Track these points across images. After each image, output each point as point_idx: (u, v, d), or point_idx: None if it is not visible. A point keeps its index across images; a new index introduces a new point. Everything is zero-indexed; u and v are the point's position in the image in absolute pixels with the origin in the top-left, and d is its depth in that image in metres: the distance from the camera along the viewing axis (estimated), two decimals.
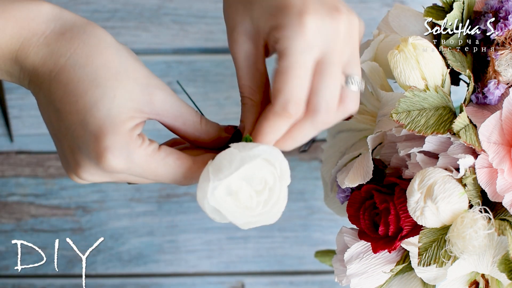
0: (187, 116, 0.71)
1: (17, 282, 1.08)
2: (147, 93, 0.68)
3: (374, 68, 0.78)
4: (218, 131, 0.72)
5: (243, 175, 0.68)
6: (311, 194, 1.09)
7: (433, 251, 0.73)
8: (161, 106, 0.69)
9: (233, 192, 0.68)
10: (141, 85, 0.68)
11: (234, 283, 1.09)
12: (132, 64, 0.69)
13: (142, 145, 0.68)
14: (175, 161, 0.70)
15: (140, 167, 0.68)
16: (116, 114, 0.67)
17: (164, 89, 0.70)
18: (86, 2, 1.09)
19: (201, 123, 0.72)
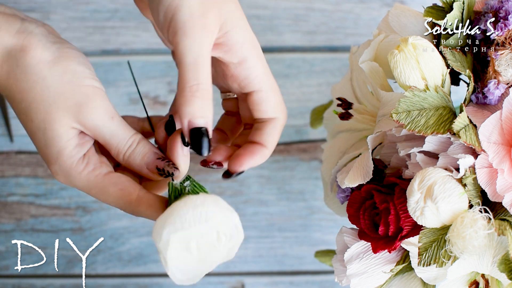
0: (112, 144, 0.73)
1: (17, 282, 1.08)
2: (77, 120, 0.71)
3: (374, 68, 0.78)
4: (140, 166, 0.74)
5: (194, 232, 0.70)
6: (311, 194, 1.09)
7: (433, 251, 0.73)
8: (91, 129, 0.72)
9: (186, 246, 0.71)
10: (71, 112, 0.71)
11: (234, 283, 1.09)
12: (61, 92, 0.71)
13: (83, 171, 0.72)
14: (117, 191, 0.73)
15: (84, 188, 0.73)
16: (51, 145, 0.71)
17: (96, 112, 0.72)
18: (86, 2, 1.09)
19: (125, 154, 0.74)
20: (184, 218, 0.70)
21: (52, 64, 0.71)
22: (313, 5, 1.10)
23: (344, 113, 0.83)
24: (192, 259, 0.72)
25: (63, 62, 0.72)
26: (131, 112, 1.08)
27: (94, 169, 0.73)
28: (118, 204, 0.73)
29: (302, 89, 1.09)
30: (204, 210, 0.70)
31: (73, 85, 0.71)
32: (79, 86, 0.71)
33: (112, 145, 0.73)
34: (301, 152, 1.10)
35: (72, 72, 0.72)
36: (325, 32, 1.10)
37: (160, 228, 0.70)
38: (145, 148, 0.74)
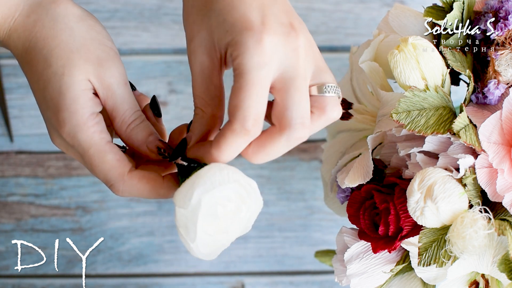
0: (119, 111, 0.73)
1: (17, 282, 1.08)
2: (95, 74, 0.71)
3: (374, 68, 0.78)
4: (141, 142, 0.73)
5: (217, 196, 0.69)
6: (311, 194, 1.09)
7: (433, 251, 0.73)
8: (106, 87, 0.72)
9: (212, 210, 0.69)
10: (92, 64, 0.71)
11: (234, 283, 1.09)
12: (85, 44, 0.72)
13: (92, 127, 0.71)
14: (113, 161, 0.72)
15: (83, 147, 0.71)
16: (66, 90, 0.70)
17: (114, 72, 0.72)
18: (86, 2, 1.09)
19: (129, 126, 0.73)
20: (212, 178, 0.68)
21: (80, 19, 0.73)
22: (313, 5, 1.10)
23: (344, 113, 0.83)
24: (217, 228, 0.69)
25: (90, 21, 0.73)
26: None
27: (102, 131, 0.71)
28: (109, 174, 0.72)
29: None
30: (230, 172, 0.69)
31: (97, 42, 0.72)
32: (102, 44, 0.73)
33: (119, 111, 0.73)
34: (301, 152, 1.10)
35: (97, 31, 0.73)
36: (325, 32, 1.09)
37: (187, 192, 0.68)
38: (149, 127, 0.74)
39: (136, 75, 1.09)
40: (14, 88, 1.09)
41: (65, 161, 1.08)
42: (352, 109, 0.83)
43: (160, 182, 0.73)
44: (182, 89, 1.09)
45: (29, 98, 1.08)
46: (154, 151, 0.73)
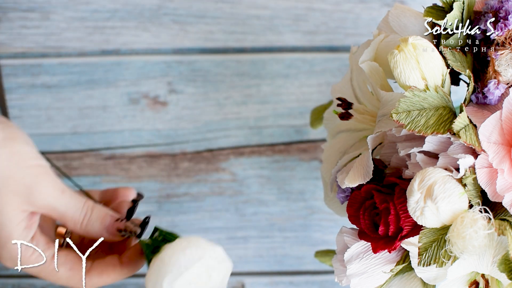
0: (68, 217, 0.74)
1: (17, 282, 1.08)
2: (28, 202, 0.72)
3: (374, 68, 0.78)
4: (100, 232, 0.75)
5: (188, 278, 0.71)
6: (311, 194, 1.09)
7: (433, 251, 0.73)
8: (44, 208, 0.73)
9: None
10: (22, 195, 0.72)
11: (234, 283, 1.09)
12: (10, 176, 0.71)
13: (32, 255, 0.73)
14: (67, 271, 0.75)
15: (33, 272, 0.74)
16: (0, 229, 0.72)
17: (47, 191, 0.73)
18: (86, 2, 1.09)
19: (82, 223, 0.75)
20: (178, 264, 0.71)
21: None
22: (313, 5, 1.10)
23: (344, 113, 0.83)
24: None
25: (9, 144, 0.72)
26: (131, 111, 1.08)
27: (43, 251, 0.74)
28: (70, 283, 0.75)
29: (302, 89, 1.09)
30: (193, 250, 0.71)
31: (21, 167, 0.72)
32: (27, 167, 0.72)
33: (67, 217, 0.74)
34: (301, 152, 1.10)
35: (19, 154, 0.72)
36: (325, 32, 1.10)
37: (156, 283, 0.71)
38: (101, 213, 0.75)
39: (136, 75, 1.09)
40: (14, 88, 1.09)
41: (65, 161, 1.08)
42: (352, 109, 0.83)
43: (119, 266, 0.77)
44: (182, 89, 1.09)
45: (29, 98, 1.08)
46: (116, 235, 0.76)
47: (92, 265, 0.75)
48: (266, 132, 1.09)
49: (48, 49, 1.09)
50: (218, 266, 0.73)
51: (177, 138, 1.09)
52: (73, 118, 1.08)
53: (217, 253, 0.72)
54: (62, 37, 1.09)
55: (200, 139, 1.09)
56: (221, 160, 1.08)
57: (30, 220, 0.73)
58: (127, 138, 1.09)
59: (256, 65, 1.08)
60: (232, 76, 1.09)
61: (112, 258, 0.76)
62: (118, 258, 0.76)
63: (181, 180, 1.08)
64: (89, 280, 0.75)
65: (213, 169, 1.08)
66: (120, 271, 0.76)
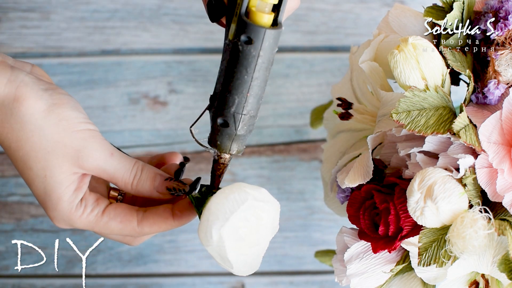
0: (118, 178, 0.75)
1: (17, 282, 1.08)
2: (77, 165, 0.73)
3: (374, 68, 0.78)
4: (150, 191, 0.76)
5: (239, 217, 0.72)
6: (311, 194, 1.09)
7: (433, 251, 0.73)
8: (94, 170, 0.74)
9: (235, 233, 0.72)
10: (71, 159, 0.73)
11: (234, 283, 1.09)
12: (59, 140, 0.73)
13: (82, 215, 0.74)
14: (118, 224, 0.76)
15: (87, 229, 0.75)
16: (51, 191, 0.73)
17: (96, 154, 0.74)
18: (86, 2, 1.09)
19: (132, 183, 0.76)
20: (223, 210, 0.71)
21: (47, 112, 0.73)
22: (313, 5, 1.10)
23: (344, 113, 0.83)
24: (247, 246, 0.73)
25: (57, 110, 0.73)
26: (131, 111, 1.08)
27: (92, 209, 0.75)
28: (123, 233, 0.76)
29: (302, 89, 1.09)
30: (235, 195, 0.72)
31: (69, 132, 0.73)
32: (75, 132, 0.73)
33: (117, 179, 0.75)
34: (301, 152, 1.10)
35: (67, 119, 0.73)
36: (325, 32, 1.10)
37: (206, 232, 0.72)
38: (150, 173, 0.76)
39: (136, 75, 1.09)
40: None
41: None
42: (352, 109, 0.83)
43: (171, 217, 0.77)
44: (182, 89, 1.09)
45: None
46: (166, 193, 0.76)
47: (144, 215, 0.76)
48: (266, 132, 1.09)
49: (48, 49, 1.09)
50: (266, 206, 0.73)
51: (177, 138, 1.09)
52: None
53: (262, 194, 0.73)
54: (62, 37, 1.09)
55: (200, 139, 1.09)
56: None
57: (80, 182, 0.74)
58: (127, 138, 1.09)
59: None
60: None
61: (164, 210, 0.77)
62: (171, 209, 0.77)
63: None
64: (141, 230, 0.76)
65: None
66: (171, 222, 0.77)
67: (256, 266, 0.75)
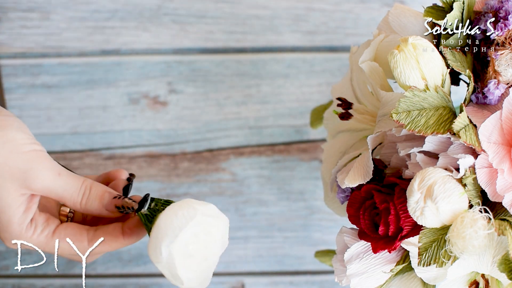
0: (66, 197, 0.76)
1: (17, 282, 1.08)
2: (25, 186, 0.73)
3: (374, 68, 0.78)
4: (99, 209, 0.77)
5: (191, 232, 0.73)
6: (311, 194, 1.09)
7: (433, 251, 0.73)
8: (41, 191, 0.74)
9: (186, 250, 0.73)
10: (18, 180, 0.73)
11: (234, 283, 1.09)
12: (5, 162, 0.73)
13: (33, 235, 0.75)
14: (69, 244, 0.76)
15: (39, 248, 0.76)
16: (0, 214, 0.73)
17: (43, 175, 0.74)
18: (86, 2, 1.09)
19: (81, 202, 0.76)
20: (172, 227, 0.72)
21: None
22: (313, 5, 1.10)
23: (344, 113, 0.83)
24: (197, 262, 0.74)
25: (1, 132, 0.73)
26: (131, 111, 1.08)
27: (43, 230, 0.76)
28: (72, 254, 0.77)
29: (302, 89, 1.09)
30: (184, 211, 0.73)
31: (15, 153, 0.73)
32: (21, 153, 0.73)
33: (66, 198, 0.76)
34: (301, 152, 1.10)
35: (11, 141, 0.73)
36: (325, 32, 1.10)
37: (156, 248, 0.72)
38: (99, 191, 0.77)
39: (136, 75, 1.09)
40: (14, 88, 1.09)
41: (65, 161, 1.08)
42: (352, 109, 0.83)
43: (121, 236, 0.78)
44: (182, 89, 1.09)
45: (29, 98, 1.08)
46: (115, 212, 0.77)
47: (95, 234, 0.77)
48: (266, 132, 1.09)
49: (48, 49, 1.09)
50: (214, 222, 0.74)
51: (177, 138, 1.09)
52: (73, 118, 1.08)
53: (210, 210, 0.74)
54: (62, 37, 1.09)
55: (200, 139, 1.09)
56: (221, 160, 1.08)
57: (29, 202, 0.75)
58: (127, 138, 1.09)
59: (256, 65, 1.08)
60: (232, 76, 1.08)
61: (114, 228, 0.78)
62: (121, 228, 0.78)
63: (181, 180, 1.08)
64: (92, 248, 0.77)
65: (213, 169, 1.09)
66: (121, 241, 0.78)
67: (207, 280, 0.76)
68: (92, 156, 1.09)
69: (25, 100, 1.09)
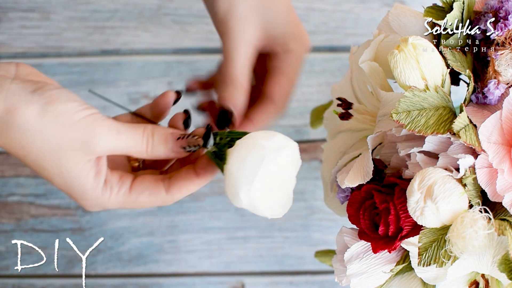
0: (132, 149, 0.75)
1: (17, 282, 1.08)
2: (88, 153, 0.73)
3: (374, 68, 0.78)
4: (166, 154, 0.76)
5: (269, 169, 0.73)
6: (311, 194, 1.09)
7: (433, 251, 0.73)
8: (106, 152, 0.74)
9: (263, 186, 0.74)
10: (80, 150, 0.73)
11: (234, 283, 1.09)
12: (62, 137, 0.73)
13: (111, 196, 0.75)
14: (147, 197, 0.76)
15: (120, 207, 0.76)
16: (73, 185, 0.74)
17: (102, 138, 0.74)
18: (86, 2, 1.09)
19: (146, 151, 0.76)
20: (245, 174, 0.72)
21: (42, 114, 0.72)
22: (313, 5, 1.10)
23: (344, 113, 0.83)
24: (276, 193, 0.75)
25: (51, 108, 0.72)
26: None
27: (119, 189, 0.75)
28: (154, 205, 0.77)
29: (302, 89, 1.09)
30: (254, 155, 0.73)
31: (69, 125, 0.73)
32: (75, 123, 0.73)
33: (131, 152, 0.75)
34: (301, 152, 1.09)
35: (63, 113, 0.73)
36: (325, 32, 1.10)
37: (234, 196, 0.73)
38: (162, 135, 0.76)
39: (136, 75, 1.09)
40: None
41: None
42: (352, 109, 0.83)
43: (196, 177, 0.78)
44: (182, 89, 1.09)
45: None
46: (182, 152, 0.76)
47: (170, 182, 0.77)
48: None
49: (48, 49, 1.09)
50: (283, 153, 0.74)
51: None
52: None
53: (277, 142, 0.74)
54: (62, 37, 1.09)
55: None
56: None
57: (97, 165, 0.74)
58: None
59: None
60: None
61: (187, 171, 0.77)
62: (193, 169, 0.77)
63: None
64: (171, 197, 0.76)
65: None
66: (198, 181, 0.77)
67: (289, 202, 0.77)
68: None
69: None
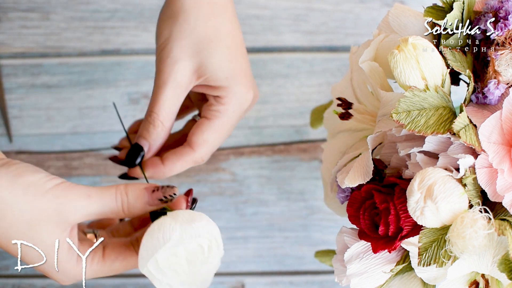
0: (107, 211, 0.75)
1: (17, 282, 1.08)
2: (62, 222, 0.73)
3: (374, 68, 0.78)
4: (144, 209, 0.76)
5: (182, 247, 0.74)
6: (311, 194, 1.09)
7: (433, 251, 0.73)
8: (79, 219, 0.74)
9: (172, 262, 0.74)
10: (53, 219, 0.72)
11: (234, 283, 1.09)
12: (34, 207, 0.72)
13: (86, 268, 0.75)
14: (122, 262, 0.77)
15: (95, 277, 0.76)
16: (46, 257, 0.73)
17: (74, 205, 0.73)
18: (86, 2, 1.09)
19: (123, 210, 0.75)
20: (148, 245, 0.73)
21: (11, 187, 0.72)
22: (313, 5, 1.10)
23: (344, 113, 0.83)
24: (182, 277, 0.75)
25: (20, 180, 0.72)
26: (131, 111, 1.08)
27: (92, 259, 0.76)
28: (128, 269, 0.77)
29: (302, 89, 1.09)
30: (160, 234, 0.73)
31: (40, 195, 0.72)
32: (45, 193, 0.72)
33: (107, 214, 0.75)
34: (301, 152, 1.10)
35: (32, 185, 0.72)
36: (325, 32, 1.10)
37: (139, 264, 0.74)
38: (135, 192, 0.76)
39: (136, 75, 1.09)
40: (14, 88, 1.09)
41: (65, 161, 1.08)
42: (352, 109, 0.83)
43: None
44: None
45: (29, 98, 1.08)
46: (160, 203, 0.76)
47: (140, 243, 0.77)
48: (266, 132, 1.09)
49: (48, 49, 1.09)
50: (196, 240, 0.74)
51: None
52: (73, 118, 1.08)
53: (193, 231, 0.73)
54: (62, 37, 1.09)
55: None
56: (221, 160, 1.08)
57: (70, 236, 0.74)
58: None
59: (256, 65, 1.08)
60: None
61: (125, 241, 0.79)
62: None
63: (181, 180, 1.08)
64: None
65: (213, 169, 1.08)
66: None
67: (203, 285, 0.76)
68: (92, 156, 1.09)
69: (25, 100, 1.09)
